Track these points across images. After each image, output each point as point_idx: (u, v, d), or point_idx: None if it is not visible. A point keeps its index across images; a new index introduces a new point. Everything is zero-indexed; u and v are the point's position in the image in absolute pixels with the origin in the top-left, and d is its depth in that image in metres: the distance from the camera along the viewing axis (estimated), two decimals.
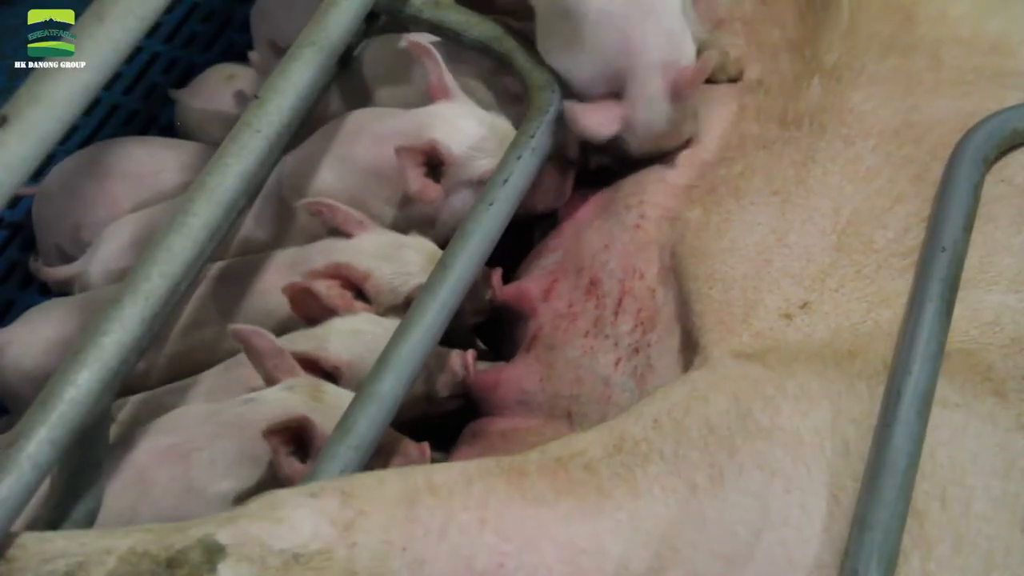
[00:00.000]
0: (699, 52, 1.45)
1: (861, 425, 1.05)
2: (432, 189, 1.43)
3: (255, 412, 1.26)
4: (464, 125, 1.45)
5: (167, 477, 1.25)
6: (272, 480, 1.23)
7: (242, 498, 1.20)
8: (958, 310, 1.12)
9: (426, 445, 1.32)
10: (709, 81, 1.50)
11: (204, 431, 1.27)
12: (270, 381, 1.30)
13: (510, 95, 1.53)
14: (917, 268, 1.16)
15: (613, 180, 1.51)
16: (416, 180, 1.42)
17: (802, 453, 1.03)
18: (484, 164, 1.44)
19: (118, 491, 1.23)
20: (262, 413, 1.25)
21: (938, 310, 1.10)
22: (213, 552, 0.94)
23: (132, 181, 1.71)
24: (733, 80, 1.54)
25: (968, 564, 0.99)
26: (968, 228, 1.17)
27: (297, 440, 1.23)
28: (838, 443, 1.04)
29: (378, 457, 1.25)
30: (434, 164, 1.44)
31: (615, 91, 1.42)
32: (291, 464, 1.22)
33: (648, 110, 1.41)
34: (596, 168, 1.55)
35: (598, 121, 1.41)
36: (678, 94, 1.41)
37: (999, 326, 1.13)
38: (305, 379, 1.29)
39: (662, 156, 1.48)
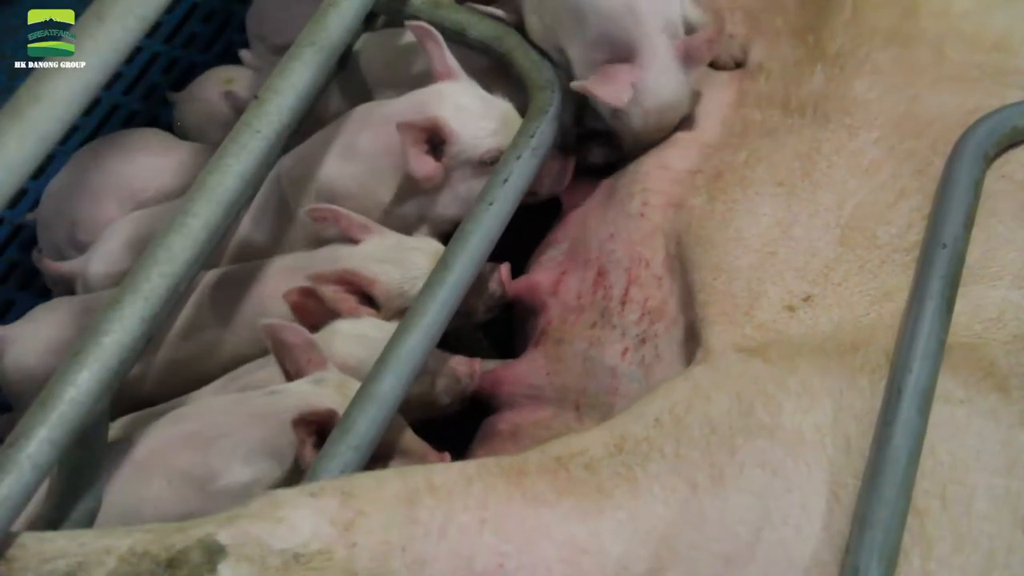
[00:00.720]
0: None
1: (863, 421, 1.04)
2: (431, 166, 1.43)
3: (281, 403, 1.25)
4: (466, 103, 1.45)
5: (188, 462, 1.24)
6: (289, 475, 1.23)
7: (257, 490, 1.19)
8: (961, 305, 1.12)
9: (447, 456, 1.32)
10: (711, 66, 1.51)
11: (228, 419, 1.26)
12: (298, 376, 1.30)
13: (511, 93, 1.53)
14: (917, 265, 1.16)
15: (614, 169, 1.52)
16: (416, 157, 1.41)
17: (803, 451, 1.03)
18: (486, 143, 1.44)
19: (136, 476, 1.23)
20: (289, 405, 1.24)
21: (938, 307, 1.10)
22: (213, 552, 0.94)
23: (127, 181, 1.71)
24: (739, 66, 1.54)
25: (969, 563, 0.98)
26: (968, 225, 1.17)
27: (321, 434, 1.22)
28: (840, 440, 1.04)
29: (379, 457, 1.25)
30: (436, 143, 1.43)
31: (617, 59, 1.42)
32: (314, 456, 1.21)
33: (660, 73, 1.42)
34: (593, 164, 1.55)
35: (615, 89, 1.40)
36: (692, 59, 1.43)
37: (1002, 322, 1.13)
38: (334, 374, 1.29)
39: (661, 141, 1.48)
